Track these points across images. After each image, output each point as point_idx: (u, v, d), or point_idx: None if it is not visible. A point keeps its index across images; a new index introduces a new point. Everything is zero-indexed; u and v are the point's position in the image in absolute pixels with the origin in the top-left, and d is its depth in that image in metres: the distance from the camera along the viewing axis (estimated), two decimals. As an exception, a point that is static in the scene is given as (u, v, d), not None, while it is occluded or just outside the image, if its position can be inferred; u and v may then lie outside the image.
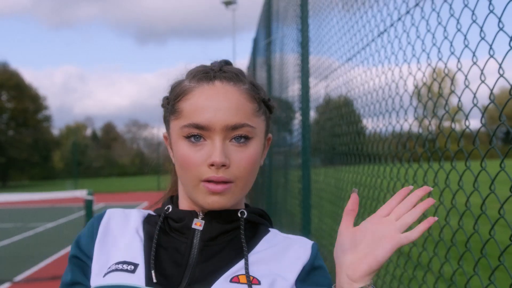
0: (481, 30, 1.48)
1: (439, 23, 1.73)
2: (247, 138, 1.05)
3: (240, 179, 1.04)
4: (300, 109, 3.78)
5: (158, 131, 1.38)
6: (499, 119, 1.39)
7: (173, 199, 1.18)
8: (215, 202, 1.03)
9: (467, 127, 1.61)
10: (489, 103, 1.46)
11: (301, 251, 1.11)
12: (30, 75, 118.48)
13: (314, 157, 3.97)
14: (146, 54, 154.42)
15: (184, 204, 1.14)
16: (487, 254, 1.52)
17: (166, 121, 1.14)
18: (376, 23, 2.45)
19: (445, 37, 1.70)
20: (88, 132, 71.76)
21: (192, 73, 1.11)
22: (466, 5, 1.55)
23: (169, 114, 1.11)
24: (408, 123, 2.12)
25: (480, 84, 1.48)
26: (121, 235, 1.12)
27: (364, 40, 2.60)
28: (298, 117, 4.18)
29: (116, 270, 1.04)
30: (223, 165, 1.01)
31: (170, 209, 1.13)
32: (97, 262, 1.09)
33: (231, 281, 1.02)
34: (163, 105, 1.15)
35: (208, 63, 1.13)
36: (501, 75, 1.39)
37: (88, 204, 7.39)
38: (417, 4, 1.92)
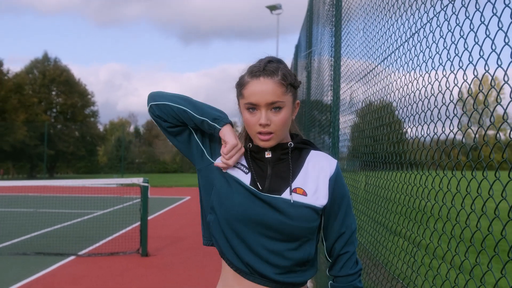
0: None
1: (488, 36, 1.68)
2: (280, 108, 1.76)
3: (277, 131, 1.77)
4: (331, 108, 4.59)
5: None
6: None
7: (247, 140, 1.92)
8: (265, 144, 1.79)
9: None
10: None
11: (329, 168, 1.86)
12: (78, 71, 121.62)
13: (351, 160, 4.39)
14: (190, 53, 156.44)
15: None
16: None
17: (238, 98, 1.86)
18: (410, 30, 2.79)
19: (493, 50, 1.63)
20: (131, 128, 73.35)
21: (249, 71, 1.81)
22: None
23: (238, 95, 1.85)
24: (445, 132, 2.13)
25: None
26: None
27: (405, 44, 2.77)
28: (328, 116, 4.97)
29: (236, 167, 1.85)
30: (267, 124, 1.74)
31: (251, 145, 1.88)
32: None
33: (291, 192, 1.77)
34: (236, 87, 1.87)
35: (255, 60, 1.85)
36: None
37: (144, 190, 8.35)
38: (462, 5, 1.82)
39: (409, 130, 2.59)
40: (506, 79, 1.52)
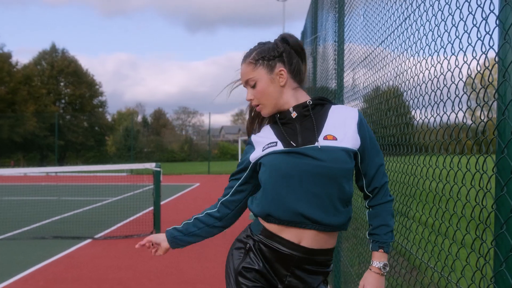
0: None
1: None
2: (254, 82, 2.12)
3: (261, 101, 2.14)
4: (336, 90, 4.83)
5: (209, 117, 2.61)
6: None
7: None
8: (261, 114, 2.18)
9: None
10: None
11: (353, 115, 2.11)
12: (86, 62, 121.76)
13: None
14: (196, 42, 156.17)
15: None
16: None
17: None
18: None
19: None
20: (139, 118, 73.38)
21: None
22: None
23: None
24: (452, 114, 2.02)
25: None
26: (263, 137, 2.18)
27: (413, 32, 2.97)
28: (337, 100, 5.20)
29: (268, 147, 2.10)
30: (251, 99, 2.15)
31: (279, 115, 2.16)
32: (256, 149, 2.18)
33: (323, 139, 2.02)
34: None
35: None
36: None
37: (157, 174, 8.65)
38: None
39: (415, 112, 2.58)
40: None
